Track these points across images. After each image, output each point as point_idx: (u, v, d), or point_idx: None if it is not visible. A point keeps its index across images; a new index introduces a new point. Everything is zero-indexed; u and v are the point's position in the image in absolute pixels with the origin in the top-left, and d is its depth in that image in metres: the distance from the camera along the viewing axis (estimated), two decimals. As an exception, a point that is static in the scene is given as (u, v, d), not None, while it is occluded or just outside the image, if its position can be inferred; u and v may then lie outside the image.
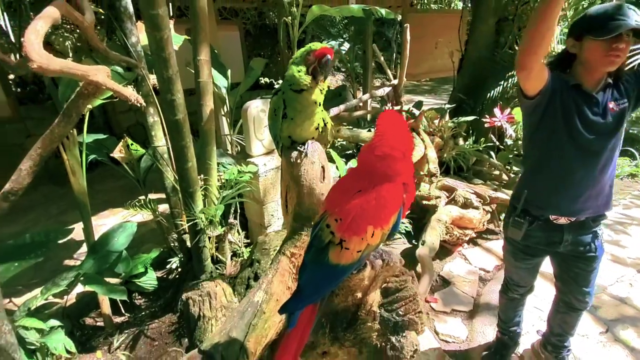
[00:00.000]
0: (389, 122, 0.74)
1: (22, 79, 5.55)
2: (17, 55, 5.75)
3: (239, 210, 2.31)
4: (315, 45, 1.04)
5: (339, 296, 0.91)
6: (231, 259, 2.19)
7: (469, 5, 5.03)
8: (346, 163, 2.81)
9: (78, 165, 1.84)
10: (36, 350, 1.60)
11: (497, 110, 3.32)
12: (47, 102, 4.82)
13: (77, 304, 2.21)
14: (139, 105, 1.07)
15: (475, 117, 3.87)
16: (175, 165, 1.81)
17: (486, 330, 2.09)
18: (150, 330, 2.09)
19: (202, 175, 1.99)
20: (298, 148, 1.05)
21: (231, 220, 2.18)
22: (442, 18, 6.10)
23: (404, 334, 0.84)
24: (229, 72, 2.90)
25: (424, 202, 2.99)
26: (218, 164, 2.39)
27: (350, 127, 3.55)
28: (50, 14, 1.05)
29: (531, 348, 1.95)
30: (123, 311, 2.20)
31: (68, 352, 1.70)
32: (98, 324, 2.16)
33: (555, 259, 1.63)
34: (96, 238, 2.05)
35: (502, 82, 4.23)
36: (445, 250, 2.88)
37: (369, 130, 4.03)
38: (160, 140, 2.10)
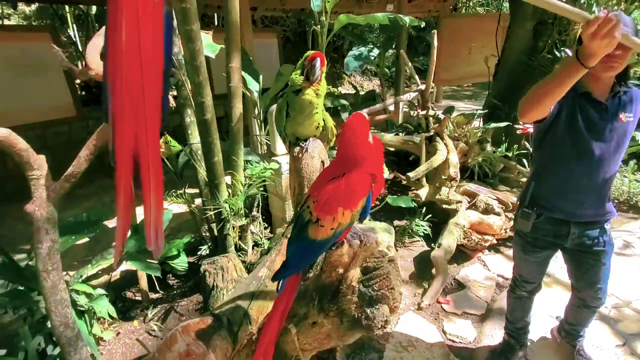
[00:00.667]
0: (356, 122, 0.87)
1: (86, 83, 6.27)
2: (83, 63, 6.48)
3: (261, 205, 2.50)
4: (310, 54, 1.18)
5: (325, 272, 1.05)
6: (252, 249, 2.39)
7: (505, 9, 4.92)
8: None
9: (126, 158, 2.13)
10: (85, 312, 1.89)
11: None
12: (107, 103, 5.41)
13: (121, 280, 2.52)
14: (171, 107, 1.28)
15: (508, 123, 3.79)
16: (203, 159, 2.04)
17: (495, 334, 2.10)
18: (179, 307, 2.34)
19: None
20: (300, 144, 1.20)
21: (254, 213, 2.38)
22: (479, 23, 5.98)
23: (377, 307, 0.95)
24: (260, 77, 3.13)
25: (444, 206, 3.01)
26: (245, 161, 2.61)
27: (375, 130, 3.64)
28: (107, 31, 1.29)
29: (551, 332, 2.05)
30: (158, 289, 2.47)
31: (110, 317, 1.98)
32: (136, 298, 2.45)
33: (566, 255, 1.67)
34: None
35: (538, 88, 4.10)
36: (464, 255, 2.88)
37: (397, 134, 4.10)
38: (196, 138, 2.36)
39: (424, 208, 3.16)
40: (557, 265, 2.69)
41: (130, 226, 2.33)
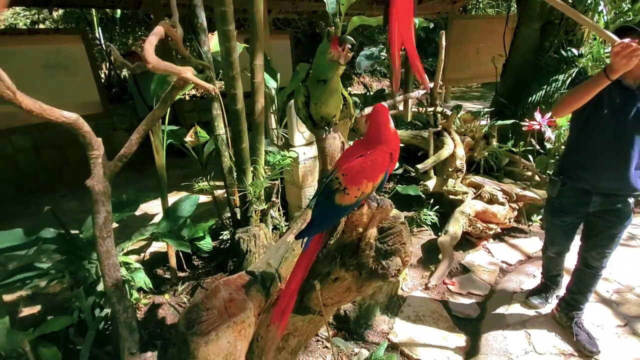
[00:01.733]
0: (379, 112, 1.06)
1: (109, 82, 6.60)
2: (107, 63, 6.76)
3: (280, 192, 2.70)
4: (327, 44, 1.29)
5: (347, 232, 1.24)
6: (272, 232, 2.60)
7: (514, 10, 5.05)
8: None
9: (160, 146, 2.36)
10: (125, 282, 2.11)
11: (537, 114, 3.38)
12: (128, 101, 5.72)
13: (152, 259, 2.76)
14: (214, 94, 1.49)
15: (514, 120, 3.94)
16: (232, 146, 2.26)
17: (498, 312, 2.26)
18: (205, 284, 2.55)
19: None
20: (324, 127, 1.39)
21: (274, 198, 2.59)
22: (487, 24, 6.12)
23: (391, 258, 1.14)
24: (278, 75, 3.35)
25: (451, 196, 3.18)
26: (266, 151, 2.82)
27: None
28: (158, 31, 1.51)
29: (551, 312, 2.19)
30: (185, 267, 2.70)
31: (147, 287, 2.21)
32: (166, 275, 2.68)
33: (586, 222, 1.89)
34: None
35: (545, 87, 4.23)
36: (469, 242, 3.04)
37: (407, 129, 4.27)
38: (221, 129, 2.58)
39: (432, 199, 3.33)
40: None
41: (163, 210, 2.57)
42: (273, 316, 1.22)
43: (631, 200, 1.72)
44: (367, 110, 3.08)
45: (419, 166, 3.00)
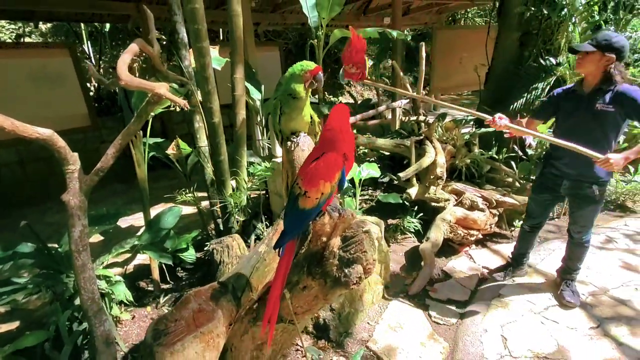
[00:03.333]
0: (337, 113, 1.12)
1: (99, 95, 6.63)
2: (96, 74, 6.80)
3: (262, 202, 2.73)
4: (309, 65, 1.43)
5: (312, 241, 1.28)
6: (255, 242, 2.62)
7: (495, 21, 5.20)
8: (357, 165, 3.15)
9: (142, 159, 2.39)
10: (105, 295, 2.12)
11: (518, 121, 3.47)
12: (117, 114, 5.75)
13: (135, 272, 2.75)
14: (185, 109, 1.54)
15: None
16: (211, 158, 2.29)
17: (476, 317, 2.28)
18: (188, 295, 2.56)
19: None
20: (292, 139, 1.44)
21: (257, 209, 2.62)
22: (471, 34, 6.28)
23: (353, 267, 1.17)
24: (262, 87, 3.41)
25: (434, 203, 3.23)
26: (248, 162, 2.86)
27: (369, 135, 3.89)
28: (132, 49, 1.56)
29: (556, 272, 2.53)
30: (168, 279, 2.70)
31: (127, 300, 2.21)
32: (149, 288, 2.67)
33: (569, 202, 2.34)
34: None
35: (525, 95, 4.33)
36: (451, 249, 3.08)
37: (392, 138, 4.34)
38: (204, 142, 2.61)
39: (416, 207, 3.37)
40: (539, 257, 2.90)
41: (145, 222, 2.58)
42: (262, 324, 1.26)
43: (595, 187, 2.05)
44: (350, 120, 3.13)
45: (400, 174, 3.05)
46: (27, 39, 6.54)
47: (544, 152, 2.44)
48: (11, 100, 4.22)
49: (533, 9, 4.11)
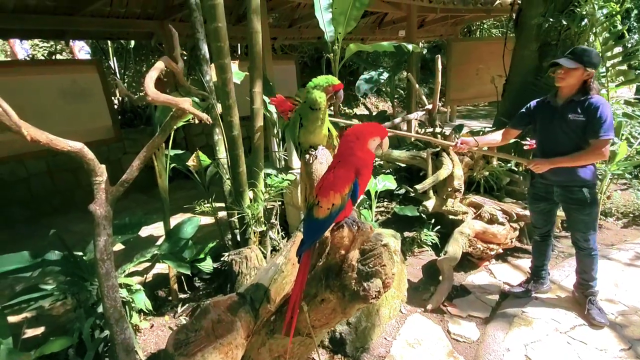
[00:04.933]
0: (353, 130, 1.14)
1: (123, 108, 6.90)
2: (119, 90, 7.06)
3: (279, 214, 2.75)
4: (334, 80, 1.45)
5: (331, 254, 1.28)
6: (271, 253, 2.63)
7: (512, 32, 5.17)
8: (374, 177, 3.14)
9: (163, 170, 2.47)
10: (125, 304, 2.16)
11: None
12: (140, 126, 5.95)
13: (154, 281, 2.80)
14: (208, 123, 1.59)
15: (515, 139, 3.96)
16: (230, 170, 2.34)
17: (498, 335, 2.21)
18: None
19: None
20: (310, 152, 1.46)
21: (273, 220, 2.64)
22: (487, 46, 6.25)
23: (371, 280, 1.17)
24: (279, 100, 3.47)
25: (451, 216, 3.18)
26: (265, 174, 2.90)
27: (386, 147, 3.88)
28: (158, 66, 1.64)
29: (572, 294, 2.49)
30: (186, 289, 2.74)
31: (147, 309, 2.25)
32: (167, 297, 2.72)
33: (564, 211, 2.30)
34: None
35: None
36: (470, 263, 3.01)
37: (408, 150, 4.33)
38: (222, 153, 2.68)
39: (433, 219, 3.33)
40: (564, 274, 2.80)
41: (165, 232, 2.64)
42: (283, 329, 1.30)
43: (585, 190, 2.09)
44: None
45: (417, 187, 3.03)
46: (58, 56, 6.92)
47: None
48: (43, 114, 4.43)
49: (552, 19, 4.07)
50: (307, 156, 1.47)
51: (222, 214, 3.15)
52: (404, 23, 6.47)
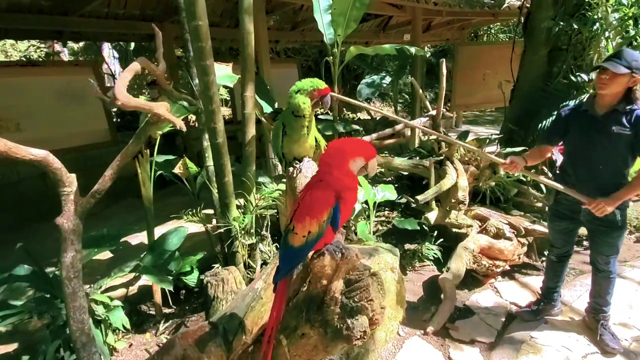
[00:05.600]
0: (333, 146, 0.98)
1: (122, 111, 6.82)
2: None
3: (270, 225, 2.59)
4: (320, 84, 1.31)
5: (312, 283, 1.12)
6: (261, 267, 2.47)
7: (520, 36, 4.99)
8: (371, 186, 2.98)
9: (147, 178, 2.33)
10: (101, 322, 2.02)
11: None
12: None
13: (138, 293, 2.65)
14: (182, 130, 1.45)
15: (524, 147, 3.78)
16: (215, 180, 2.20)
17: (504, 363, 2.03)
18: (189, 322, 2.43)
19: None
20: (294, 164, 1.31)
21: (264, 232, 2.49)
22: (495, 50, 6.07)
23: (356, 317, 1.00)
24: (276, 104, 3.33)
25: (455, 229, 3.00)
26: (258, 182, 2.75)
27: (386, 154, 3.72)
28: (133, 68, 1.50)
29: (582, 318, 2.31)
30: (171, 303, 2.58)
31: (124, 328, 2.10)
32: (150, 312, 2.56)
33: (588, 231, 2.11)
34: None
35: (555, 113, 4.08)
36: (475, 280, 2.83)
37: (410, 157, 4.16)
38: (211, 161, 2.53)
39: (435, 232, 3.15)
40: (576, 294, 2.60)
41: (148, 243, 2.50)
42: None
43: (618, 211, 1.87)
44: (365, 139, 2.99)
45: (419, 197, 2.85)
46: (57, 58, 6.89)
47: (555, 177, 2.22)
48: (39, 116, 4.36)
49: (562, 23, 3.89)
50: (291, 169, 1.32)
51: (214, 222, 3.01)
52: (409, 26, 6.33)
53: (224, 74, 2.64)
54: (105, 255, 3.05)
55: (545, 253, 3.07)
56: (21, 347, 2.20)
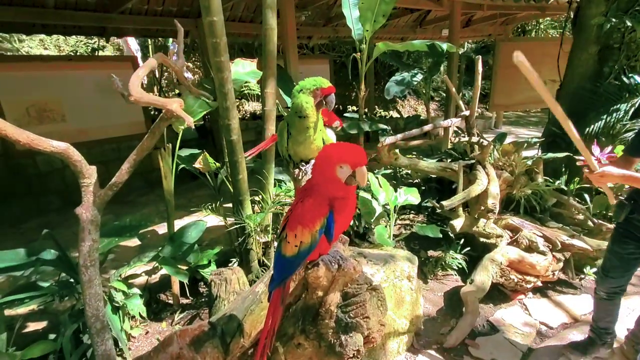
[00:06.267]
0: (324, 153, 0.91)
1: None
2: (157, 86, 7.32)
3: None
4: (323, 83, 1.24)
5: (308, 293, 1.07)
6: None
7: (570, 32, 4.58)
8: (395, 190, 2.86)
9: (169, 172, 2.38)
10: (119, 308, 2.09)
11: (595, 147, 2.92)
12: (173, 122, 6.07)
13: (159, 282, 2.74)
14: (192, 127, 1.44)
15: (567, 153, 3.47)
16: (230, 176, 2.20)
17: (527, 389, 1.86)
18: (204, 314, 2.46)
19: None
20: (300, 166, 1.26)
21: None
22: (540, 47, 5.63)
23: (350, 334, 0.94)
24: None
25: (483, 239, 2.81)
26: (277, 180, 2.73)
27: (414, 154, 3.57)
28: (149, 64, 1.51)
29: (619, 346, 2.04)
30: (188, 294, 2.65)
31: (141, 316, 2.17)
32: (169, 301, 2.64)
33: None
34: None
35: (604, 117, 3.71)
36: (502, 295, 2.64)
37: (440, 160, 3.97)
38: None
39: (462, 240, 2.97)
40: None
41: (169, 235, 2.56)
42: None
43: None
44: (389, 140, 2.87)
45: (444, 203, 2.69)
46: (101, 53, 7.31)
47: (631, 190, 1.79)
48: (82, 108, 4.65)
49: (614, 20, 3.51)
50: (297, 171, 1.27)
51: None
52: (447, 22, 6.03)
53: (248, 70, 2.64)
54: (134, 242, 3.20)
55: (586, 270, 2.80)
56: (49, 326, 2.35)
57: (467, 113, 3.55)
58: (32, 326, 2.34)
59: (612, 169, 1.54)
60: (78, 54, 7.45)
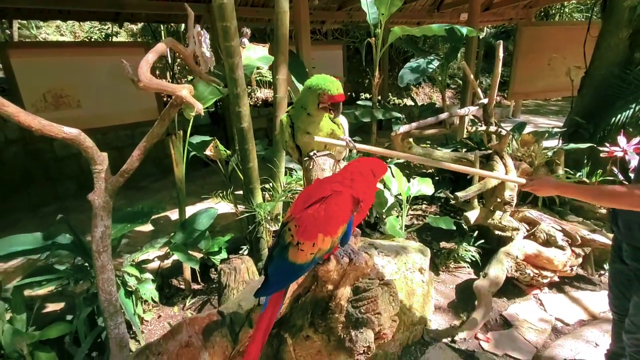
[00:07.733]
0: (370, 163, 0.87)
1: (172, 90, 7.13)
2: (170, 72, 7.33)
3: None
4: (332, 88, 1.14)
5: (318, 286, 1.04)
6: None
7: (598, 16, 4.32)
8: (408, 180, 2.80)
9: (180, 159, 2.38)
10: (132, 293, 2.13)
11: (621, 138, 2.77)
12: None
13: (171, 268, 2.78)
14: (201, 114, 1.41)
15: (591, 144, 3.33)
16: (240, 164, 2.18)
17: (540, 386, 1.82)
18: (214, 300, 2.49)
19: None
20: (310, 154, 1.22)
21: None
22: (565, 31, 5.35)
23: (361, 330, 0.91)
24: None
25: (498, 232, 2.74)
26: (288, 168, 2.70)
27: (428, 143, 3.48)
28: (158, 49, 1.48)
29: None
30: (199, 280, 2.68)
31: (153, 300, 2.21)
32: (181, 286, 2.68)
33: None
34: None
35: (633, 105, 3.53)
36: (517, 289, 2.58)
37: (455, 150, 3.86)
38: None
39: (476, 232, 2.90)
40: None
41: (180, 222, 2.57)
42: None
43: None
44: (403, 128, 2.79)
45: (459, 194, 2.61)
46: (115, 39, 7.34)
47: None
48: (97, 94, 4.69)
49: (647, 2, 3.29)
50: (307, 161, 1.23)
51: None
52: (466, 5, 5.79)
53: (260, 55, 2.58)
54: (148, 227, 3.25)
55: (605, 266, 2.70)
56: (66, 307, 2.42)
57: (485, 101, 3.41)
58: (52, 307, 2.41)
59: (547, 180, 1.38)
60: (92, 40, 7.50)
